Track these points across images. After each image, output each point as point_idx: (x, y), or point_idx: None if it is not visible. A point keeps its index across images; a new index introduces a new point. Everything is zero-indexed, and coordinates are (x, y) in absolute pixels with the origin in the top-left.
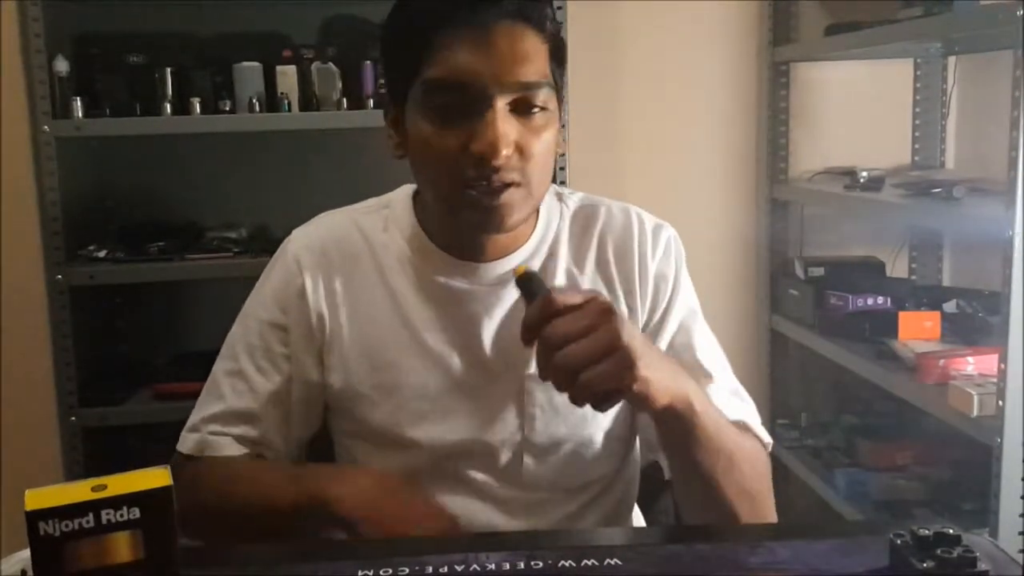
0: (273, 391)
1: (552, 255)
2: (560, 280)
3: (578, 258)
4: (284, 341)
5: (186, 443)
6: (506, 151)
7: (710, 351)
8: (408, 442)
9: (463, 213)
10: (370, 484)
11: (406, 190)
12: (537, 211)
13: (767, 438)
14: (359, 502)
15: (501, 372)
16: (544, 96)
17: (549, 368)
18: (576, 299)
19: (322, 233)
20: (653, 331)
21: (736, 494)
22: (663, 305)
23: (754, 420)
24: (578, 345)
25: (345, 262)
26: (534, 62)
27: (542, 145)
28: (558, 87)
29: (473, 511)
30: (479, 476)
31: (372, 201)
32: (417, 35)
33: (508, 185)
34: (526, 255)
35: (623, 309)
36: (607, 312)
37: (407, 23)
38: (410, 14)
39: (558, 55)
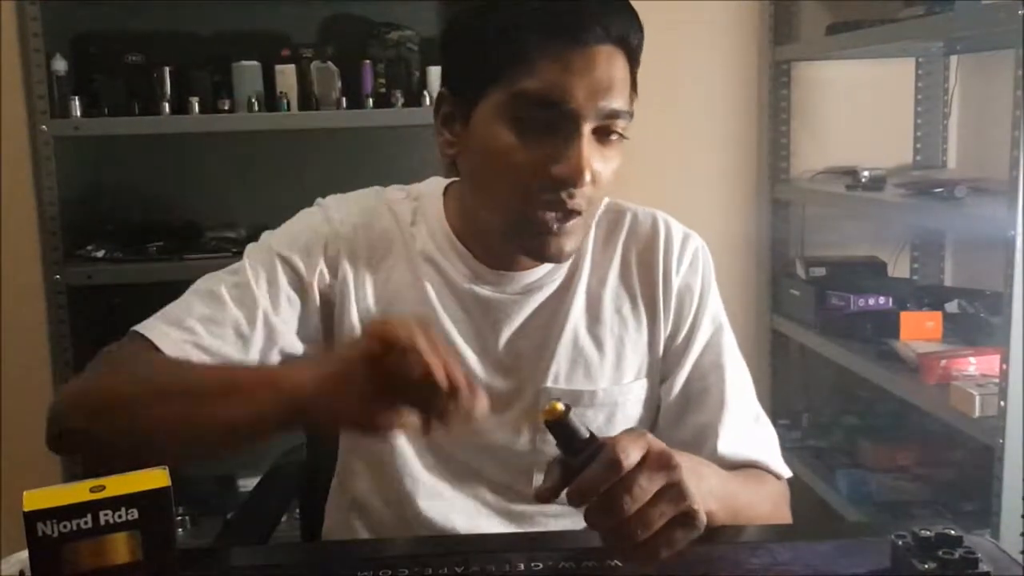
0: (273, 322)
1: (576, 266)
2: (580, 295)
3: (601, 269)
4: (293, 284)
5: (157, 333)
6: (589, 177)
7: (736, 374)
8: (417, 448)
9: (522, 236)
10: (328, 375)
11: (436, 184)
12: None
13: (785, 472)
14: (317, 390)
15: (518, 382)
16: (623, 125)
17: (617, 534)
18: (638, 453)
19: (358, 207)
20: (679, 349)
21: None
22: (688, 321)
23: (771, 453)
24: (651, 511)
25: (377, 244)
26: (624, 90)
27: (611, 172)
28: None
29: (478, 524)
30: (487, 487)
31: (401, 191)
32: (514, 41)
33: (577, 213)
34: (551, 265)
35: (643, 321)
36: (672, 467)
37: (503, 22)
38: (510, 14)
39: (636, 84)
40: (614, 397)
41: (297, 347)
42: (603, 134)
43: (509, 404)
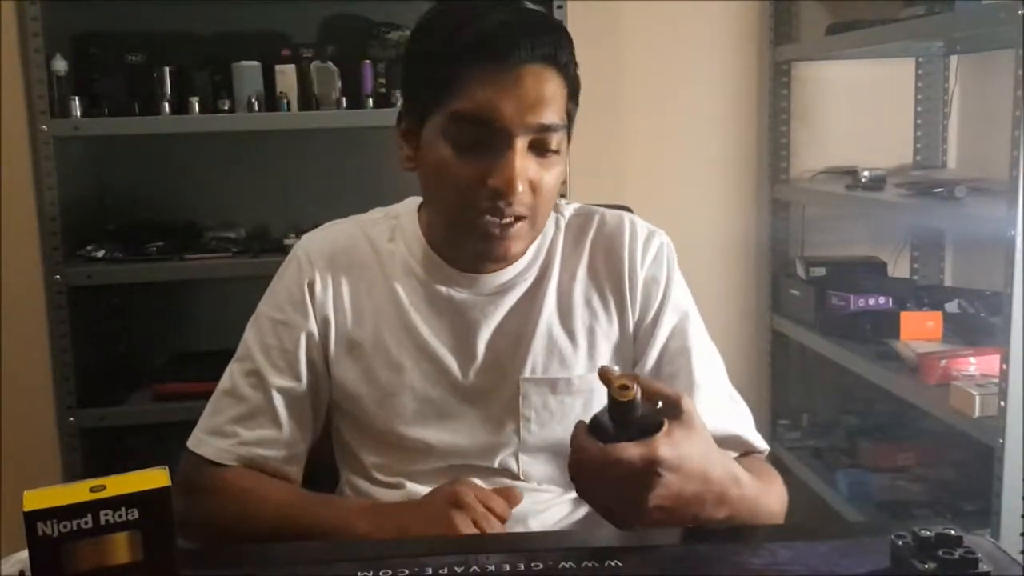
0: (289, 389)
1: (547, 266)
2: (552, 292)
3: (570, 267)
4: (296, 341)
5: (210, 448)
6: (521, 187)
7: (704, 356)
8: (409, 444)
9: (470, 241)
10: (397, 526)
11: (413, 203)
12: None
13: (763, 446)
14: (386, 535)
15: (498, 376)
16: (560, 136)
17: (597, 501)
18: (668, 472)
19: (331, 240)
20: (647, 334)
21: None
22: (654, 309)
23: (748, 427)
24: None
25: (352, 269)
26: (555, 105)
27: (551, 181)
28: (571, 123)
29: None
30: (479, 475)
31: (379, 211)
32: (448, 64)
33: (518, 219)
34: (523, 265)
35: (613, 311)
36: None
37: (439, 49)
38: (444, 41)
39: (575, 93)
40: (589, 384)
41: (320, 377)
42: (540, 148)
43: (492, 398)
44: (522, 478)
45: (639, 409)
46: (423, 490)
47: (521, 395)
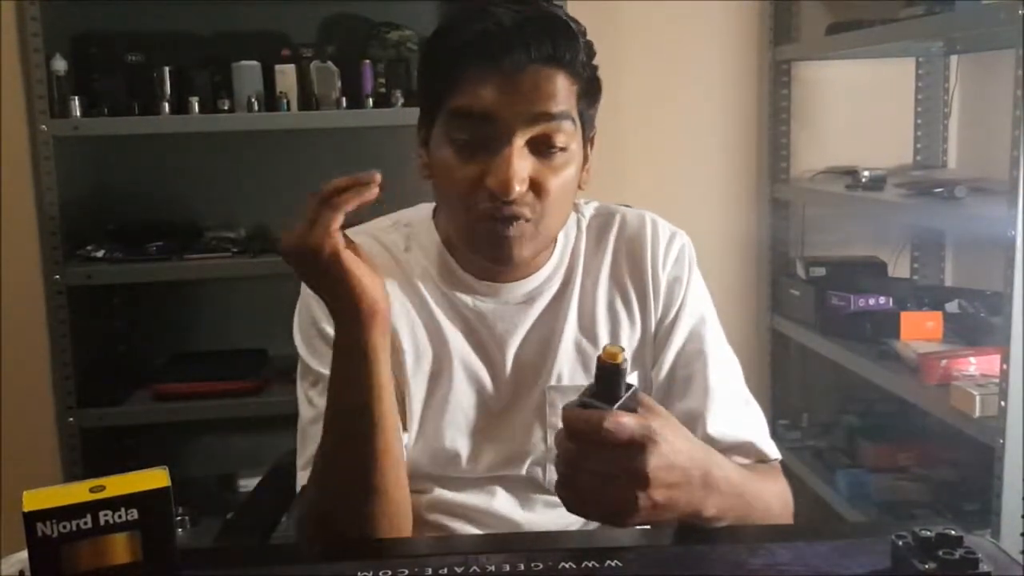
0: None
1: (571, 271)
2: (575, 299)
3: (593, 270)
4: None
5: (305, 477)
6: (519, 188)
7: (720, 361)
8: (437, 452)
9: (475, 243)
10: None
11: (425, 209)
12: None
13: (775, 454)
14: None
15: (525, 386)
16: (565, 134)
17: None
18: (653, 452)
19: None
20: (663, 336)
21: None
22: (674, 309)
23: (761, 434)
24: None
25: None
26: (557, 98)
27: (560, 183)
28: (584, 124)
29: (497, 507)
30: (505, 483)
31: (386, 220)
32: (449, 65)
33: (518, 219)
34: (548, 273)
35: (636, 313)
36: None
37: (442, 52)
38: (447, 43)
39: (590, 94)
40: None
41: None
42: (543, 147)
43: (519, 407)
44: (548, 487)
45: (624, 383)
46: (451, 495)
47: (548, 404)
